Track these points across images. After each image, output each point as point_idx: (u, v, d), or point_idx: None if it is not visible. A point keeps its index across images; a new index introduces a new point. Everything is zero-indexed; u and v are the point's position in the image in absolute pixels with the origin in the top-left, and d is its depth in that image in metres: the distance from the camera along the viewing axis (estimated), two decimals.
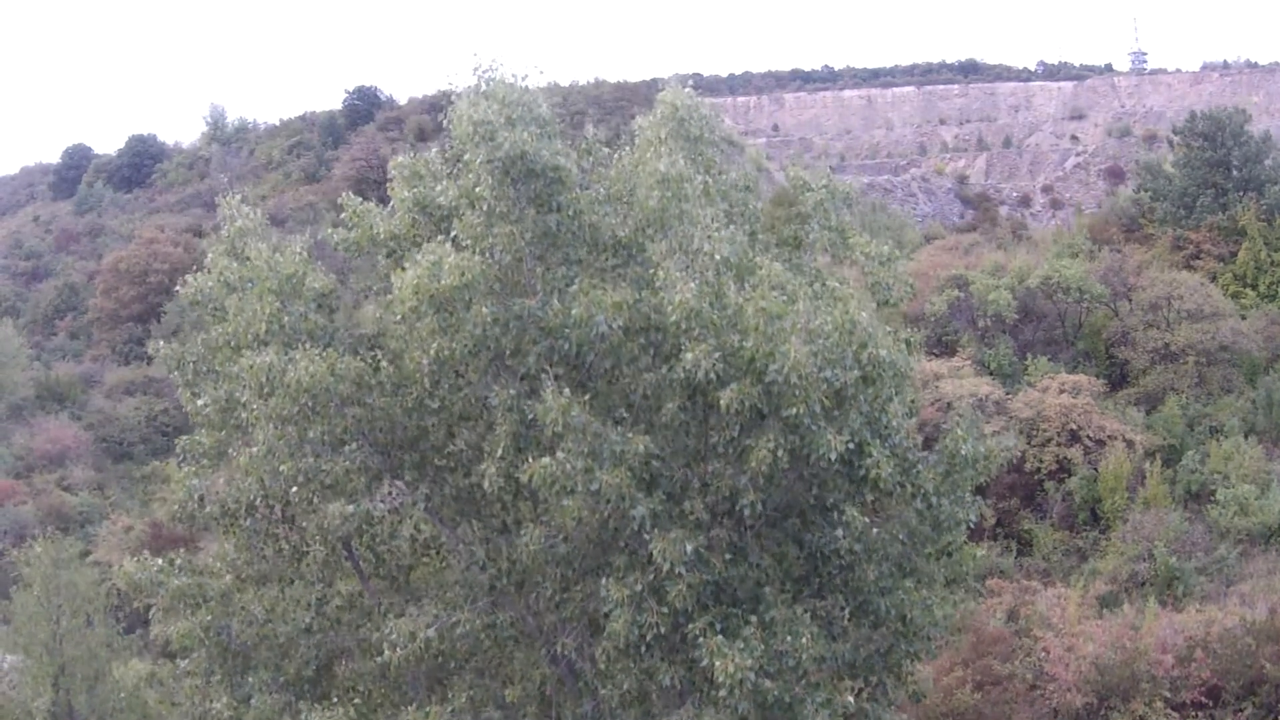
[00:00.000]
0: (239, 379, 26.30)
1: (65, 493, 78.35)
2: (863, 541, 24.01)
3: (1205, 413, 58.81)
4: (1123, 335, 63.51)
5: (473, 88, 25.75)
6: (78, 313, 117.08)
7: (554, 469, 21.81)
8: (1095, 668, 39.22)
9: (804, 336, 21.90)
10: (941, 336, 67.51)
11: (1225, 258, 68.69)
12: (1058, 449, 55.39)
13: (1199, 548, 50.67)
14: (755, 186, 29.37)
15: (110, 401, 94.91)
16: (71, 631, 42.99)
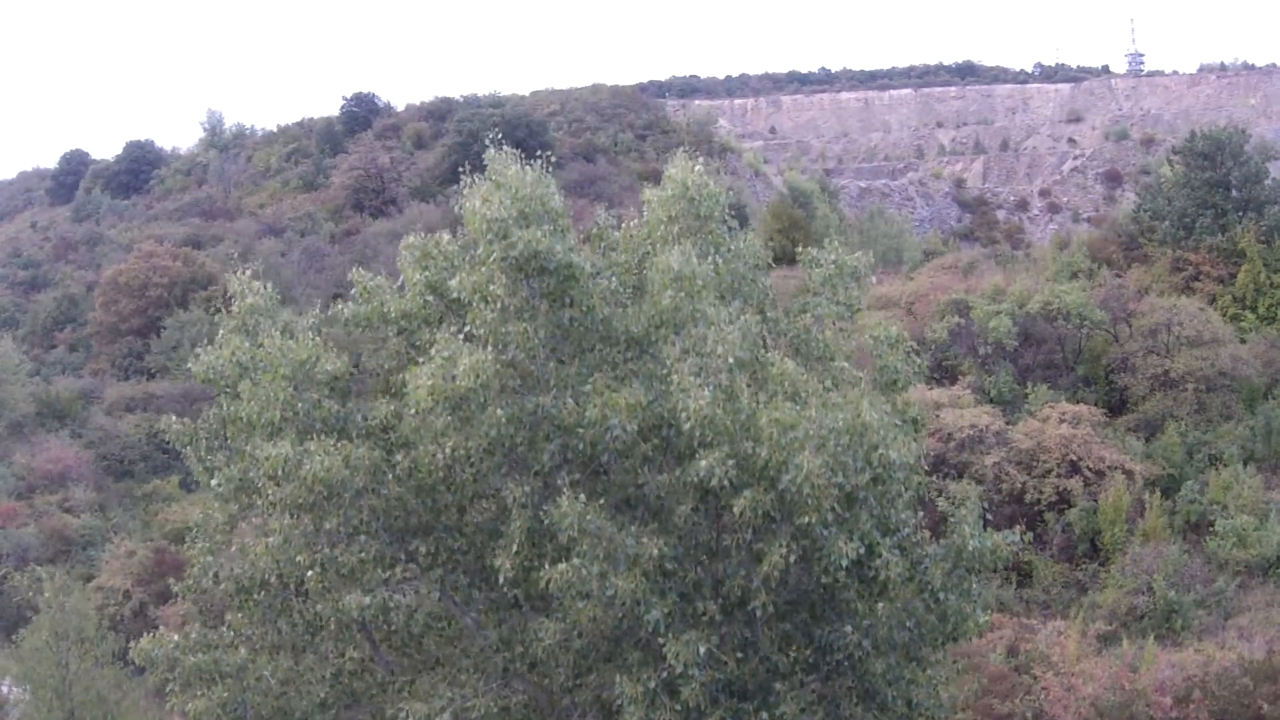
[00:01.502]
0: (252, 457, 26.62)
1: (67, 514, 78.49)
2: (871, 636, 24.38)
3: (1204, 440, 59.01)
4: (1123, 361, 63.76)
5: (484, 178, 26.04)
6: (77, 324, 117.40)
7: (570, 574, 22.19)
8: (1094, 709, 39.53)
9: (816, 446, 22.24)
10: (942, 361, 67.80)
11: (1225, 279, 68.84)
12: (1058, 480, 55.62)
13: (1197, 580, 50.94)
14: (764, 263, 29.58)
15: (111, 419, 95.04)
16: (80, 675, 43.24)
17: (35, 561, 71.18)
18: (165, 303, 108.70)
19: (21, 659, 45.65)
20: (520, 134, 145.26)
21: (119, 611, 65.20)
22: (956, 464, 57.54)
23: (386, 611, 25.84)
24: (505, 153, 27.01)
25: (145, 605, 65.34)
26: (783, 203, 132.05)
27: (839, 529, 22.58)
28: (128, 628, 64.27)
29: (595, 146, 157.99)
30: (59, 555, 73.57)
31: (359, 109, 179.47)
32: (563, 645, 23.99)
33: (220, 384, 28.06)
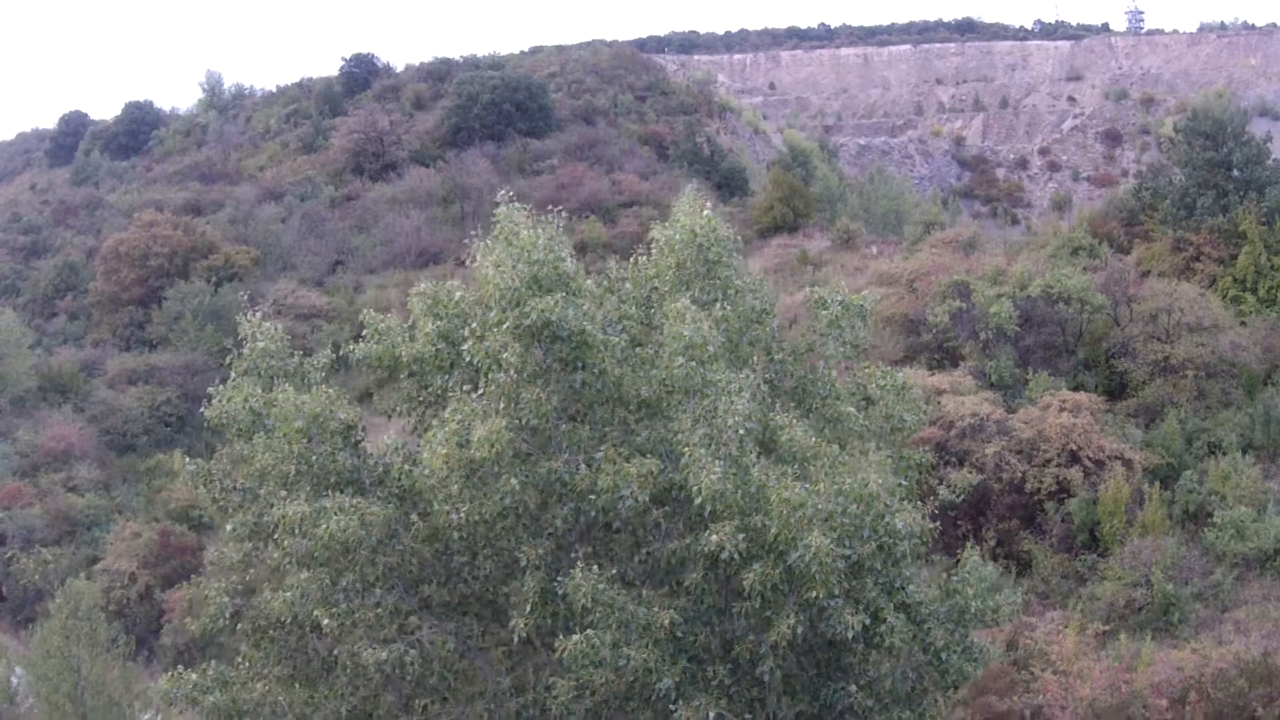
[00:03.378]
0: (266, 503, 27.10)
1: (71, 493, 78.95)
2: (874, 692, 24.89)
3: (1204, 428, 59.27)
4: (1123, 346, 63.99)
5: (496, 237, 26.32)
6: (78, 293, 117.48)
7: (583, 645, 22.65)
8: (1091, 710, 40.05)
9: (823, 520, 22.66)
10: (943, 343, 68.17)
11: (1225, 261, 68.87)
12: (1058, 470, 55.92)
13: (1195, 573, 51.39)
14: (772, 309, 29.85)
15: (113, 392, 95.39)
16: (93, 682, 43.78)
17: (41, 543, 71.88)
18: (166, 272, 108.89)
19: (33, 664, 46.12)
20: (520, 97, 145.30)
21: (125, 595, 65.77)
22: (958, 451, 57.91)
23: (403, 665, 26.29)
24: (515, 208, 27.29)
25: (151, 588, 65.96)
26: (783, 171, 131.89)
27: (845, 600, 23.04)
28: (134, 611, 64.94)
29: (594, 108, 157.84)
30: (64, 536, 74.14)
31: (358, 70, 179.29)
32: (575, 701, 24.44)
33: (233, 429, 28.33)
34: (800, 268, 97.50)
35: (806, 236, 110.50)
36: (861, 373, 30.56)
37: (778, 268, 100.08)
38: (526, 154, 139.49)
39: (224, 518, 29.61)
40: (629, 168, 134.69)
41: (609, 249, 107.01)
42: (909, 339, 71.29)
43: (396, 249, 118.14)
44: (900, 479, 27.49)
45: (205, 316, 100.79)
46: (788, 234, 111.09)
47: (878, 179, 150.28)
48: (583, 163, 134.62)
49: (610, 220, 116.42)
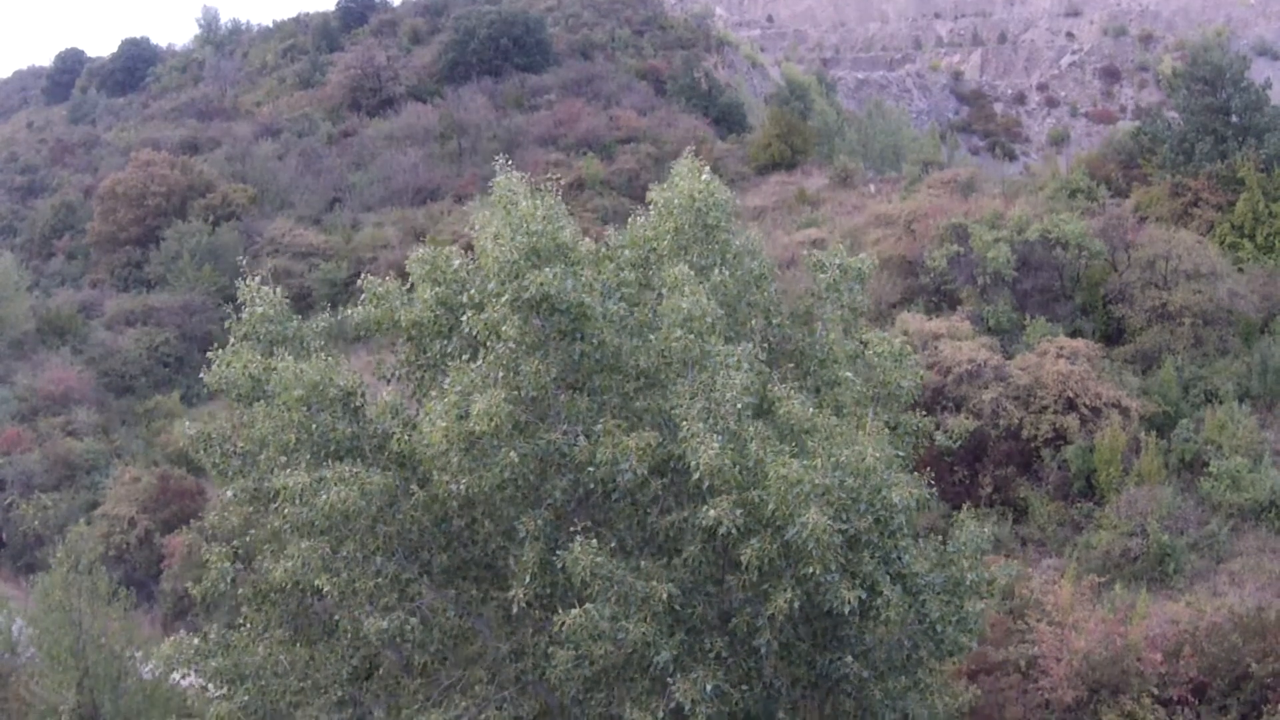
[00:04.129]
0: (267, 470, 27.25)
1: (70, 437, 78.95)
2: (869, 661, 25.11)
3: (1201, 376, 59.34)
4: (1120, 291, 64.00)
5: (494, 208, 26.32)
6: (75, 232, 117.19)
7: (582, 619, 22.83)
8: (1086, 662, 40.33)
9: (820, 495, 22.78)
10: (941, 286, 68.22)
11: (1224, 207, 68.73)
12: (1054, 417, 56.06)
13: (1191, 523, 51.63)
14: (770, 273, 29.86)
15: (111, 333, 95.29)
16: (94, 636, 43.99)
17: (40, 489, 71.98)
18: (164, 211, 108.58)
19: (35, 618, 46.35)
20: (517, 31, 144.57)
21: (125, 540, 65.94)
22: (955, 397, 58.03)
23: (403, 633, 26.47)
24: (513, 176, 27.29)
25: (151, 533, 66.10)
26: (781, 107, 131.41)
27: (842, 574, 23.20)
28: (134, 556, 65.18)
29: (592, 43, 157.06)
30: (63, 481, 74.25)
31: (355, 5, 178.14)
32: (574, 670, 24.65)
33: (233, 393, 28.41)
34: (798, 206, 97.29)
35: (805, 174, 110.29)
36: (859, 338, 30.57)
37: (775, 205, 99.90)
38: (524, 89, 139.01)
39: (224, 482, 29.74)
40: (626, 103, 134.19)
41: (606, 185, 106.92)
42: (907, 281, 71.32)
43: (394, 186, 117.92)
44: (897, 450, 27.61)
45: (203, 256, 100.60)
46: (786, 171, 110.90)
47: (876, 113, 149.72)
48: (580, 98, 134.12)
49: (608, 156, 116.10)
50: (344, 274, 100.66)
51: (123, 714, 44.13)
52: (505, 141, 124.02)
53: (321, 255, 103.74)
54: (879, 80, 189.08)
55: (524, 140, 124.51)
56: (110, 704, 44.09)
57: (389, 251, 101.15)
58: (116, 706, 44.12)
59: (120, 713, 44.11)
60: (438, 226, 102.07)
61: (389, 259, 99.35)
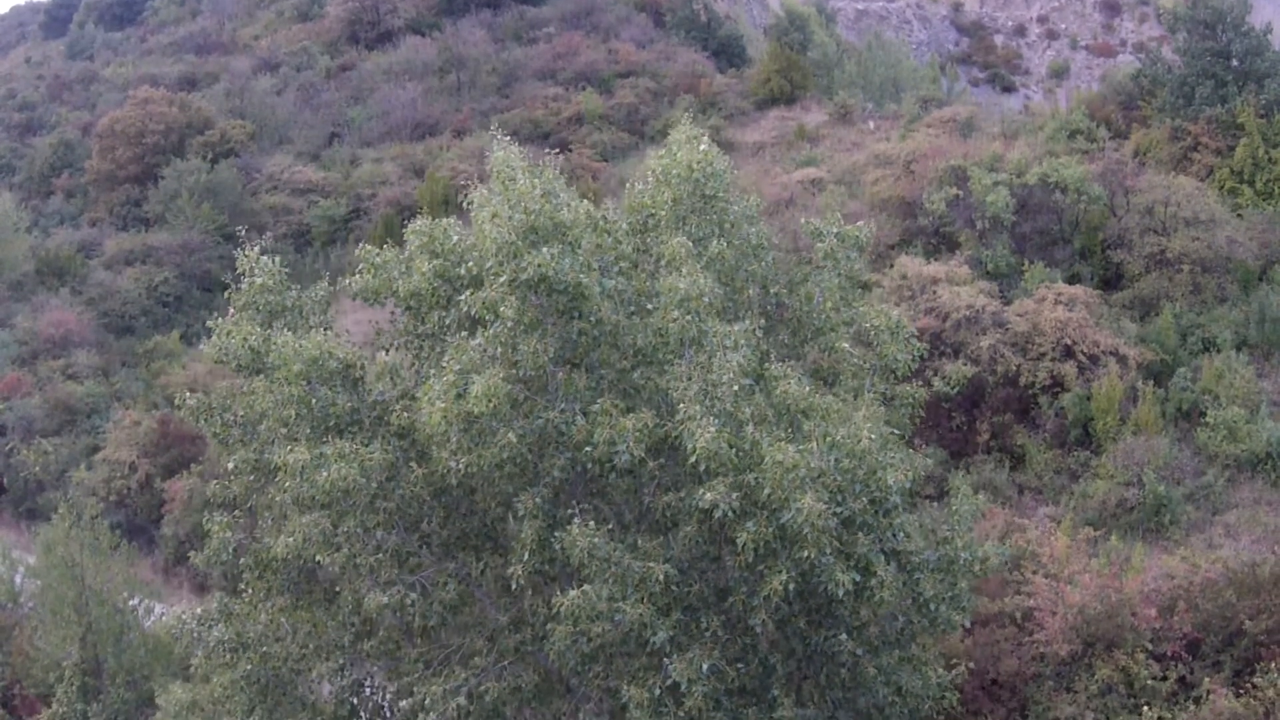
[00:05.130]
0: (267, 438, 27.43)
1: (70, 381, 79.09)
2: (863, 639, 25.38)
3: (1198, 323, 59.39)
4: (1119, 237, 63.98)
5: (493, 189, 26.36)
6: (74, 170, 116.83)
7: (580, 600, 23.06)
8: (1081, 616, 40.62)
9: (815, 478, 22.93)
10: (940, 229, 68.20)
11: (1223, 152, 68.55)
12: (1052, 364, 56.20)
13: (1187, 473, 51.85)
14: (769, 242, 29.92)
15: (110, 273, 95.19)
16: (96, 591, 44.36)
17: (41, 434, 72.17)
18: (162, 149, 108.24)
19: (38, 572, 46.71)
20: None
21: (126, 485, 66.21)
22: (953, 343, 58.17)
23: (404, 608, 26.75)
24: (511, 151, 27.32)
25: (152, 478, 66.35)
26: (781, 41, 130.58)
27: (837, 557, 23.40)
28: (135, 501, 65.45)
29: None
30: (64, 426, 74.43)
31: None
32: (571, 648, 24.92)
33: (233, 364, 28.54)
34: (797, 142, 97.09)
35: (804, 109, 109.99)
36: (856, 311, 30.63)
37: (775, 141, 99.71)
38: (522, 22, 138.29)
39: (225, 452, 29.93)
40: (625, 36, 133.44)
41: (605, 120, 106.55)
42: (905, 222, 71.29)
43: (393, 121, 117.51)
44: (894, 428, 27.78)
45: (202, 194, 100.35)
46: (785, 106, 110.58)
47: (875, 45, 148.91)
48: (578, 31, 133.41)
49: (606, 91, 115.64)
50: (343, 211, 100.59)
51: (125, 668, 44.59)
52: (504, 75, 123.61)
53: (320, 192, 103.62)
54: (879, 11, 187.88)
55: (522, 74, 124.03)
56: (113, 659, 44.56)
57: (388, 188, 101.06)
58: (119, 661, 44.59)
59: (123, 667, 44.59)
60: (436, 162, 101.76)
61: (388, 195, 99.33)
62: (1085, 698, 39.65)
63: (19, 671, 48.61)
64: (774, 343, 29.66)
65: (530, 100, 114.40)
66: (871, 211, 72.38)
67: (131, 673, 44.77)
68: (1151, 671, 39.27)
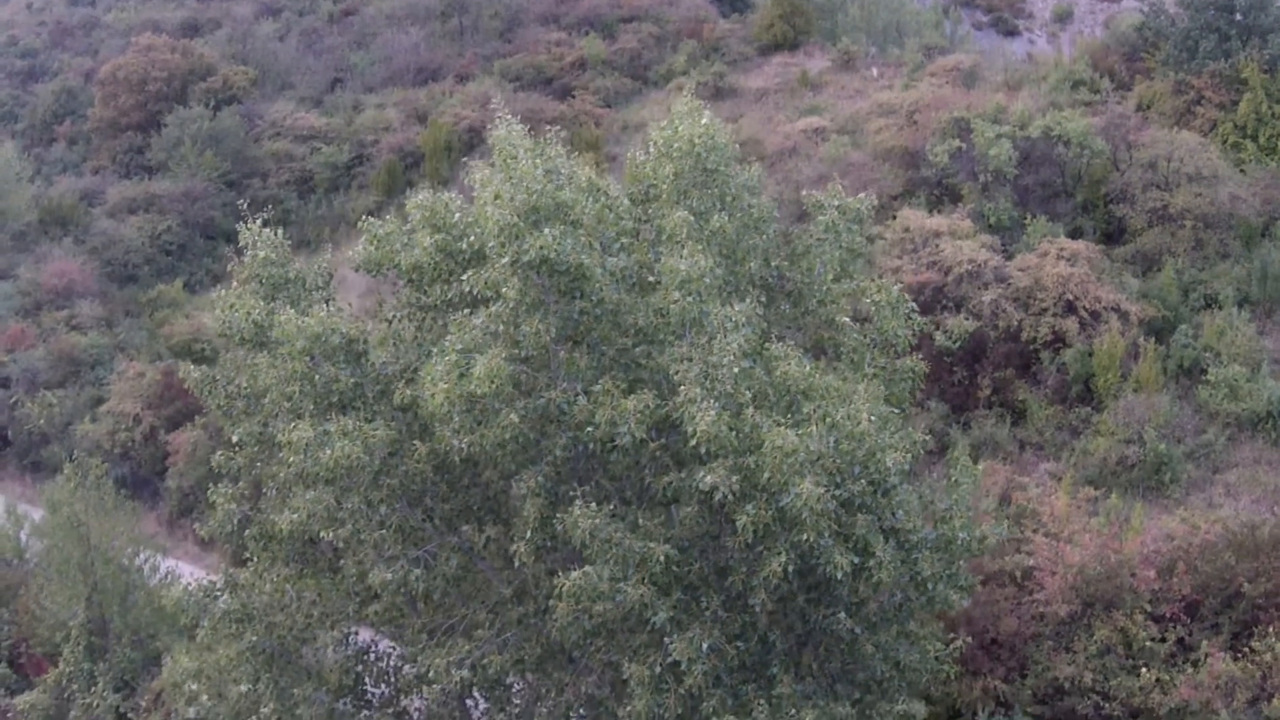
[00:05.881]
0: (271, 411, 27.61)
1: (74, 332, 79.13)
2: (861, 617, 25.60)
3: (1200, 279, 59.40)
4: (1122, 191, 63.92)
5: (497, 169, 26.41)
6: (76, 117, 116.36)
7: (582, 581, 23.29)
8: (1081, 577, 40.86)
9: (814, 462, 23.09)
10: (943, 180, 68.16)
11: (1226, 106, 68.39)
12: (1054, 319, 56.28)
13: (1188, 432, 52.02)
14: (770, 215, 29.95)
15: (113, 222, 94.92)
16: (102, 551, 44.63)
17: (45, 385, 72.25)
18: (165, 96, 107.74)
19: (43, 533, 46.96)
20: None
21: (130, 437, 66.39)
22: (955, 297, 58.25)
23: (407, 583, 26.98)
24: (514, 130, 27.37)
25: (156, 430, 66.54)
26: None
27: (835, 539, 23.59)
28: (139, 453, 65.67)
29: None
30: (68, 377, 74.49)
31: None
32: (573, 625, 25.17)
33: (236, 338, 28.66)
34: (800, 89, 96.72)
35: (807, 55, 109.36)
36: (857, 284, 30.70)
37: (778, 88, 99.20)
38: None
39: (230, 424, 30.09)
40: None
41: (609, 66, 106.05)
42: (908, 173, 71.23)
43: (395, 66, 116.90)
44: (894, 403, 27.95)
45: (204, 142, 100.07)
46: (788, 52, 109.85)
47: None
48: None
49: (610, 36, 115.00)
50: (345, 157, 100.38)
51: (131, 628, 44.94)
52: (506, 20, 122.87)
53: (323, 138, 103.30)
54: None
55: (525, 19, 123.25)
56: (119, 618, 44.89)
57: (390, 134, 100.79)
58: (125, 620, 44.92)
59: (129, 626, 44.94)
60: (439, 108, 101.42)
61: (391, 141, 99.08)
62: (1084, 658, 39.99)
63: (25, 630, 48.98)
64: (775, 314, 29.75)
65: (533, 45, 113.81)
66: (874, 161, 72.43)
67: (137, 632, 45.20)
68: (1150, 633, 39.60)
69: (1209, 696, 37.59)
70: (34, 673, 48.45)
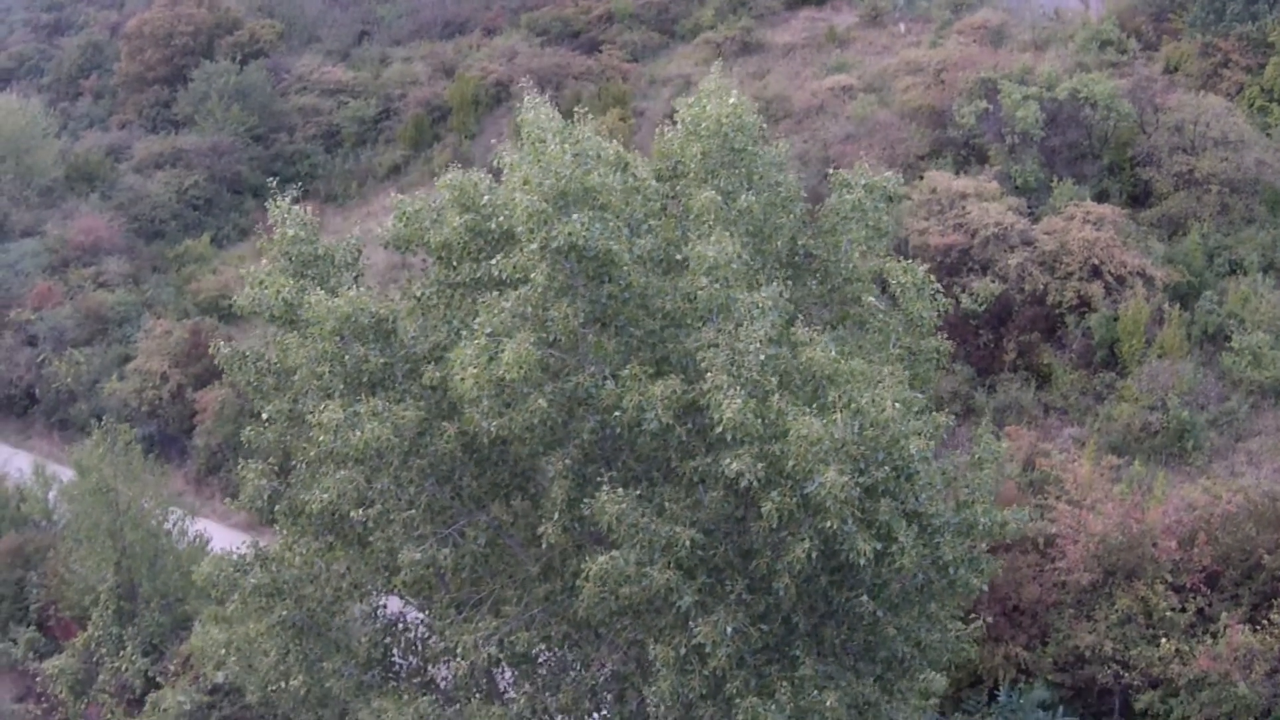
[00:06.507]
0: (301, 388, 27.92)
1: (101, 289, 79.28)
2: (883, 599, 25.87)
3: (1225, 245, 59.34)
4: (1148, 154, 63.79)
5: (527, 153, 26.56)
6: (102, 71, 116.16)
7: (609, 565, 23.58)
8: (1103, 546, 41.10)
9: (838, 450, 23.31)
10: (970, 140, 68.07)
11: (1253, 70, 68.10)
12: (1079, 284, 56.36)
13: (1211, 398, 52.11)
14: (797, 194, 30.06)
15: (140, 177, 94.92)
16: (131, 516, 45.01)
17: (72, 344, 72.46)
18: (191, 50, 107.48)
19: (73, 498, 47.34)
20: None
21: (157, 395, 66.67)
22: (981, 260, 58.33)
23: (436, 563, 27.28)
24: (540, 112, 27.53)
25: (183, 388, 66.79)
26: None
27: (859, 525, 23.84)
28: (166, 411, 66.04)
29: None
30: (95, 335, 74.63)
31: None
32: (599, 605, 25.47)
33: (266, 315, 28.85)
34: (827, 45, 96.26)
35: (834, 9, 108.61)
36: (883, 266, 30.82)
37: (805, 43, 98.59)
38: None
39: (260, 400, 30.35)
40: None
41: (636, 20, 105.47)
42: (935, 133, 71.04)
43: (422, 19, 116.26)
44: (919, 385, 28.15)
45: (231, 96, 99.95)
46: (815, 6, 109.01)
47: None
48: None
49: None
50: (372, 111, 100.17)
51: (160, 592, 45.37)
52: None
53: (350, 92, 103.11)
54: None
55: None
56: (148, 583, 45.33)
57: (418, 88, 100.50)
58: (154, 585, 45.35)
59: (157, 591, 45.38)
60: (466, 61, 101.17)
61: (418, 95, 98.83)
62: (1105, 627, 40.33)
63: (54, 594, 49.45)
64: (802, 290, 29.90)
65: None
66: (901, 121, 72.22)
67: (166, 596, 45.62)
68: (1170, 603, 39.91)
69: (1227, 668, 37.91)
70: (63, 636, 49.01)
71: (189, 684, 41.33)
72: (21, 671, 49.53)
